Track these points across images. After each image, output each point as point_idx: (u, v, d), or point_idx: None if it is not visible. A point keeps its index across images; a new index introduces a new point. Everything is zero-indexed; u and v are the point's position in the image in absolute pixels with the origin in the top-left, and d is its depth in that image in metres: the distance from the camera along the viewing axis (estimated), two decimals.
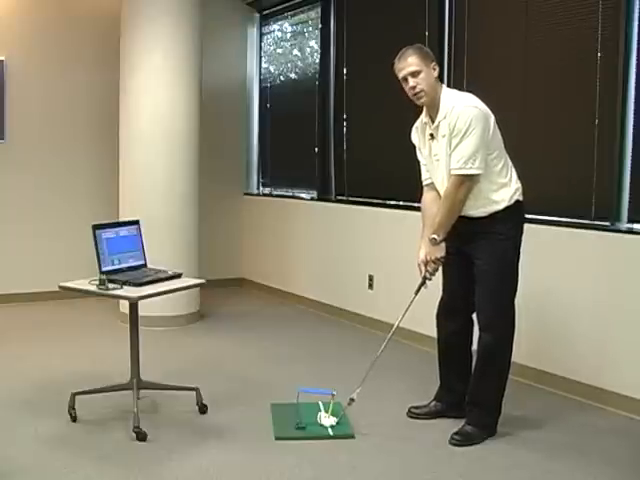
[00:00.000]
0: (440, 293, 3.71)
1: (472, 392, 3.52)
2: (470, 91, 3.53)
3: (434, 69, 3.42)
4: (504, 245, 3.41)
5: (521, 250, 3.48)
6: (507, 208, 3.40)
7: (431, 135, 3.47)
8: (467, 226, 3.42)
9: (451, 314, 3.64)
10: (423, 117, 3.54)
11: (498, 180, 3.40)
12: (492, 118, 3.39)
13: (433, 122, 3.44)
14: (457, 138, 3.32)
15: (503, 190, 3.41)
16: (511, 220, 3.43)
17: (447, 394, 3.73)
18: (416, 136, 3.62)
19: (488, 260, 3.40)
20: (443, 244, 3.44)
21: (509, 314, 3.46)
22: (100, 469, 3.11)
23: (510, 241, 3.43)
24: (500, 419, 3.53)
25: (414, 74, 3.38)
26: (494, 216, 3.40)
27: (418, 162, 3.67)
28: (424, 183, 3.64)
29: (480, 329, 3.46)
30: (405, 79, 3.42)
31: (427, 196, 3.61)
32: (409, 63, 3.40)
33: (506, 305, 3.45)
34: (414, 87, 3.39)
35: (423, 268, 3.51)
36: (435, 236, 3.41)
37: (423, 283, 3.55)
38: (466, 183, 3.34)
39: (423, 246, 3.49)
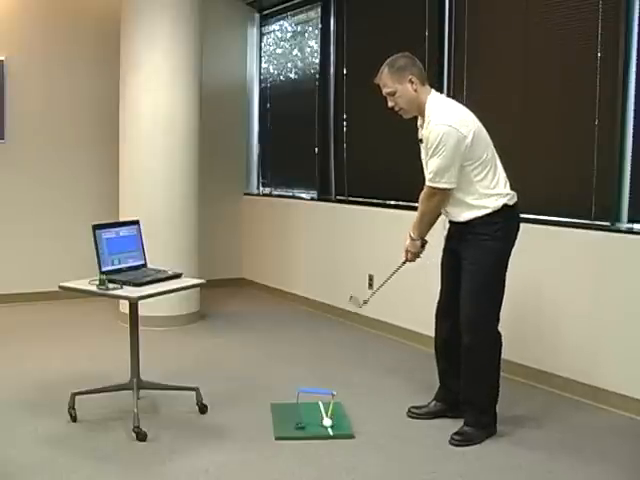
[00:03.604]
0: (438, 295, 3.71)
1: (463, 393, 3.53)
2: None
3: (411, 82, 3.41)
4: (488, 246, 3.39)
5: (512, 253, 3.46)
6: (493, 212, 3.37)
7: (420, 139, 3.52)
8: (456, 227, 3.51)
9: (447, 314, 3.63)
10: (418, 120, 3.57)
11: (479, 190, 3.38)
12: (471, 132, 3.32)
13: (423, 127, 3.47)
14: (429, 152, 3.37)
15: (485, 199, 3.38)
16: (497, 222, 3.38)
17: (447, 394, 3.73)
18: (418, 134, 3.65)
19: (471, 260, 3.42)
20: (418, 242, 3.57)
21: (489, 315, 3.44)
22: (100, 469, 3.12)
23: (495, 242, 3.39)
24: (499, 419, 3.53)
25: (389, 94, 3.46)
26: (479, 219, 3.39)
27: (420, 161, 3.67)
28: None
29: (464, 329, 3.45)
30: (385, 97, 3.50)
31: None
32: (383, 83, 3.47)
33: (486, 306, 3.43)
34: (392, 107, 3.50)
35: (406, 253, 3.67)
36: (410, 233, 3.57)
37: (403, 264, 3.74)
38: (437, 195, 3.40)
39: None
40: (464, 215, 3.43)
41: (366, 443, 3.42)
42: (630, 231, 3.93)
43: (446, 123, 3.30)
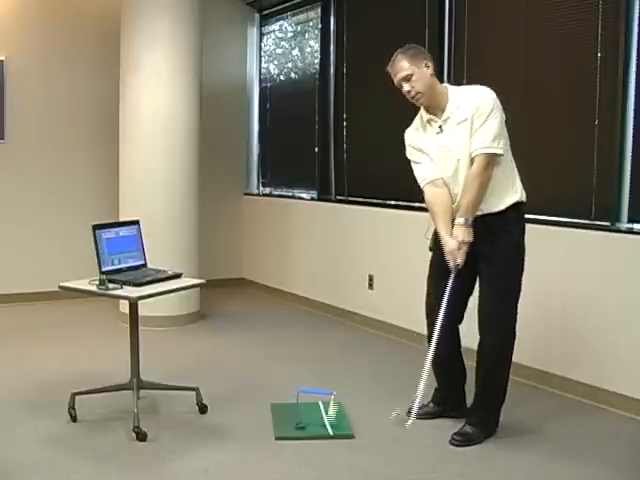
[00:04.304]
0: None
1: (479, 394, 3.50)
2: None
3: (427, 66, 3.40)
4: (516, 245, 3.41)
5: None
6: (518, 205, 3.40)
7: (440, 127, 3.44)
8: (478, 227, 3.36)
9: (444, 326, 3.59)
10: (424, 115, 3.50)
11: (511, 169, 3.44)
12: None
13: (439, 116, 3.43)
14: (481, 119, 3.32)
15: (517, 179, 3.44)
16: (519, 220, 3.44)
17: (444, 395, 3.72)
18: (416, 136, 3.57)
19: (500, 259, 3.37)
20: (471, 228, 3.33)
21: (515, 315, 3.45)
22: (100, 469, 3.12)
23: (520, 241, 3.43)
24: (500, 419, 3.53)
25: (407, 78, 3.38)
26: (506, 214, 3.38)
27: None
28: (427, 180, 3.50)
29: (488, 331, 3.41)
30: (400, 84, 3.42)
31: (433, 190, 3.48)
32: (399, 68, 3.40)
33: (514, 306, 3.44)
34: (409, 91, 3.40)
35: (458, 254, 3.33)
36: (467, 217, 3.32)
37: (456, 270, 3.38)
38: (491, 163, 3.32)
39: (454, 232, 3.33)
40: (506, 200, 3.37)
41: (366, 443, 3.42)
42: (630, 231, 3.93)
43: (490, 90, 3.37)
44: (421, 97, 3.40)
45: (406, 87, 3.39)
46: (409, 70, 3.37)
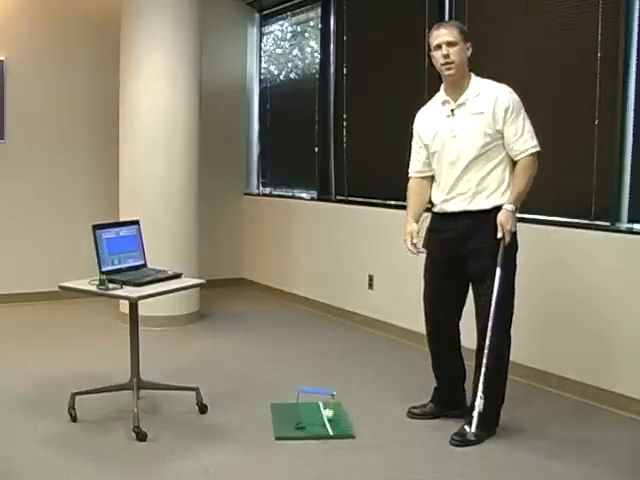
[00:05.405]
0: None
1: (476, 394, 3.50)
2: None
3: (468, 49, 3.45)
4: (509, 244, 3.40)
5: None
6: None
7: (451, 111, 3.45)
8: (473, 226, 3.41)
9: (442, 322, 3.61)
10: (442, 96, 3.52)
11: (507, 167, 3.47)
12: None
13: (454, 100, 3.44)
14: (518, 120, 3.37)
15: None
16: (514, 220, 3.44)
17: (443, 395, 3.72)
18: (425, 118, 3.58)
19: (499, 259, 3.35)
20: (516, 218, 3.41)
21: (511, 314, 3.46)
22: (100, 469, 3.12)
23: (513, 240, 3.43)
24: (500, 419, 3.53)
25: (450, 44, 3.40)
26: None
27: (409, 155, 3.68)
28: (418, 175, 3.63)
29: (490, 333, 3.38)
30: (439, 46, 3.41)
31: (419, 182, 3.64)
32: (448, 33, 3.41)
33: (512, 307, 3.45)
34: (447, 55, 3.39)
35: (411, 242, 3.55)
36: (517, 206, 3.38)
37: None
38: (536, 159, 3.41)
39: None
40: (502, 198, 3.38)
41: (366, 443, 3.42)
42: (630, 231, 3.93)
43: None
44: (454, 67, 3.41)
45: (444, 51, 3.40)
46: (456, 38, 3.41)
